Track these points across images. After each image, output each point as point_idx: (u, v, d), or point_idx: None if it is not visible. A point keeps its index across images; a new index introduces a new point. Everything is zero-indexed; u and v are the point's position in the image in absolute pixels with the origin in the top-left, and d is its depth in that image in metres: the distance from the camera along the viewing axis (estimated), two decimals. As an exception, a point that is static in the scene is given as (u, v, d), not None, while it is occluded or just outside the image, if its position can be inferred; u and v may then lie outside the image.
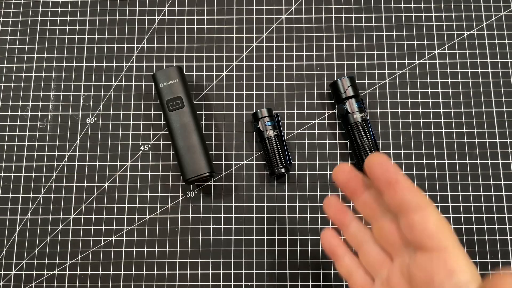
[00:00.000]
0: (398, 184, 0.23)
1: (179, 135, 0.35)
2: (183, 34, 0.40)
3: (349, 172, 0.26)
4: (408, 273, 0.24)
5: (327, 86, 0.39)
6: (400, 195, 0.22)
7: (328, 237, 0.29)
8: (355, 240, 0.27)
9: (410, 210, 0.22)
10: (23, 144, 0.38)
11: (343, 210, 0.28)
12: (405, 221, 0.23)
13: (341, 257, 0.28)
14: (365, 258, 0.27)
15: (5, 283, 0.36)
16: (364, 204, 0.26)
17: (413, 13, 0.40)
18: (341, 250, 0.28)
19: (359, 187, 0.26)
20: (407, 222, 0.23)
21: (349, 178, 0.26)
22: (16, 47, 0.41)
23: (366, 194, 0.26)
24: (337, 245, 0.28)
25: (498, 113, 0.38)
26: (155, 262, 0.36)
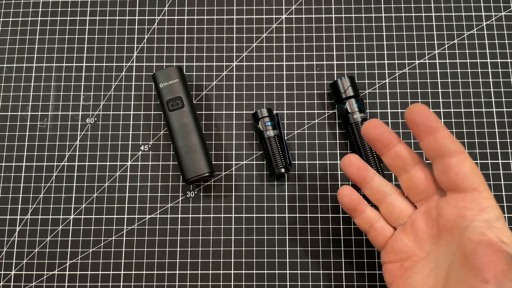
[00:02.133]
0: (438, 132, 0.25)
1: (179, 135, 0.35)
2: (183, 34, 0.40)
3: (382, 126, 0.27)
4: (436, 213, 0.25)
5: (327, 86, 0.39)
6: (440, 141, 0.25)
7: (348, 193, 0.30)
8: (377, 194, 0.29)
9: (448, 154, 0.24)
10: (23, 144, 0.38)
11: (364, 166, 0.29)
12: (443, 164, 0.25)
13: (362, 211, 0.29)
14: (388, 209, 0.28)
15: (5, 283, 0.36)
16: (396, 156, 0.27)
17: (413, 13, 0.40)
18: (362, 205, 0.29)
19: (392, 141, 0.27)
20: (444, 165, 0.25)
21: (383, 131, 0.27)
22: (16, 47, 0.41)
23: (398, 147, 0.27)
24: (358, 200, 0.29)
25: (498, 113, 0.38)
26: (155, 262, 0.36)
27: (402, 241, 0.27)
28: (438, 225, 0.25)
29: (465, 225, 0.23)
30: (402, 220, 0.28)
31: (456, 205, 0.24)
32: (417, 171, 0.27)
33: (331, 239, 0.36)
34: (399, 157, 0.27)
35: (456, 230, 0.24)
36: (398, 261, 0.27)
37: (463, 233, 0.23)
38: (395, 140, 0.27)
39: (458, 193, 0.24)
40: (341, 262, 0.35)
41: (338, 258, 0.35)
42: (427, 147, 0.25)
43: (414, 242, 0.26)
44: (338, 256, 0.35)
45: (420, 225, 0.26)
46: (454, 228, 0.24)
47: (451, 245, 0.24)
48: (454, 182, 0.24)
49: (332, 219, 0.36)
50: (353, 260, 0.35)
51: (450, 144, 0.24)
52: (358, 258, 0.35)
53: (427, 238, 0.26)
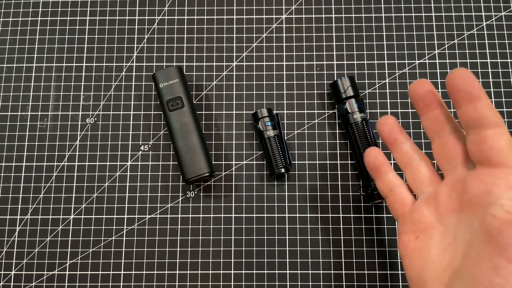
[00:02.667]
0: (479, 101, 0.23)
1: (179, 135, 0.35)
2: (183, 34, 0.40)
3: (428, 85, 0.27)
4: (461, 186, 0.24)
5: (327, 86, 0.39)
6: (479, 111, 0.23)
7: (375, 153, 0.29)
8: (405, 158, 0.28)
9: (486, 126, 0.23)
10: (23, 144, 0.38)
11: (399, 128, 0.29)
12: (477, 136, 0.24)
13: (385, 174, 0.29)
14: (413, 175, 0.28)
15: (5, 283, 0.36)
16: (434, 119, 0.27)
17: (413, 13, 0.40)
18: (386, 167, 0.29)
19: (434, 102, 0.26)
20: (479, 136, 0.23)
21: (427, 90, 0.26)
22: (16, 47, 0.41)
23: (439, 110, 0.26)
24: (383, 162, 0.29)
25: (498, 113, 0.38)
26: (155, 262, 0.36)
27: (421, 211, 0.26)
28: (462, 199, 0.24)
29: (491, 202, 0.22)
30: (425, 188, 0.27)
31: (484, 180, 0.23)
32: (451, 138, 0.26)
33: (331, 239, 0.36)
34: (437, 120, 0.26)
35: (480, 206, 0.23)
36: (415, 232, 0.26)
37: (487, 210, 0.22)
38: (437, 102, 0.26)
39: (488, 168, 0.23)
40: (341, 262, 0.35)
41: (338, 258, 0.35)
42: (464, 115, 0.24)
43: (434, 213, 0.26)
44: (338, 256, 0.35)
45: (443, 196, 0.25)
46: (478, 203, 0.23)
47: (472, 221, 0.23)
48: (487, 155, 0.23)
49: (332, 219, 0.36)
50: (353, 260, 0.35)
51: (489, 115, 0.23)
52: (358, 258, 0.35)
53: (448, 211, 0.25)
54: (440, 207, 0.25)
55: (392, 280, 0.35)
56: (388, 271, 0.35)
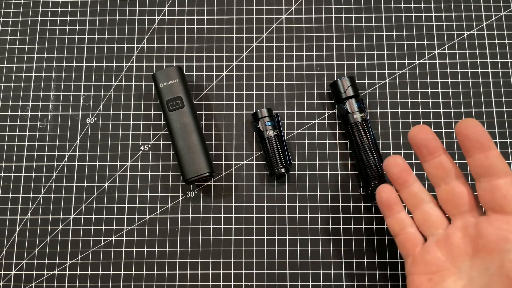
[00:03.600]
0: (490, 150, 0.24)
1: (179, 135, 0.35)
2: (183, 34, 0.40)
3: (430, 133, 0.27)
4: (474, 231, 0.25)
5: (327, 86, 0.39)
6: (490, 160, 0.24)
7: (388, 191, 0.29)
8: (414, 199, 0.28)
9: (497, 175, 0.24)
10: (23, 144, 0.38)
11: (408, 169, 0.29)
12: (489, 184, 0.25)
13: (397, 212, 0.29)
14: (423, 217, 0.28)
15: (5, 283, 0.36)
16: (439, 165, 0.27)
17: (413, 13, 0.40)
18: (398, 205, 0.29)
19: (438, 149, 0.27)
20: (491, 185, 0.25)
21: (430, 139, 0.27)
22: (16, 47, 0.41)
23: (442, 157, 0.27)
24: (396, 200, 0.29)
25: (498, 113, 0.38)
26: (155, 262, 0.36)
27: (434, 252, 0.26)
28: (477, 244, 0.25)
29: (508, 248, 0.23)
30: (435, 230, 0.27)
31: (500, 227, 0.24)
32: (458, 184, 0.27)
33: (331, 239, 0.36)
34: (442, 167, 0.27)
35: (496, 252, 0.24)
36: (427, 274, 0.26)
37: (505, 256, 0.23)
38: (441, 149, 0.27)
39: (501, 215, 0.24)
40: (341, 262, 0.35)
41: (338, 258, 0.35)
42: (475, 163, 0.25)
43: (447, 256, 0.26)
44: (338, 256, 0.35)
45: (456, 240, 0.26)
46: (494, 249, 0.24)
47: (489, 266, 0.24)
48: (500, 203, 0.24)
49: (332, 219, 0.36)
50: (353, 260, 0.35)
51: (499, 164, 0.24)
52: (358, 258, 0.35)
53: (461, 254, 0.25)
54: (453, 250, 0.26)
55: (392, 280, 0.35)
56: (388, 271, 0.35)
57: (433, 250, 0.26)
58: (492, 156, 0.24)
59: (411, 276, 0.27)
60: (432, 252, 0.26)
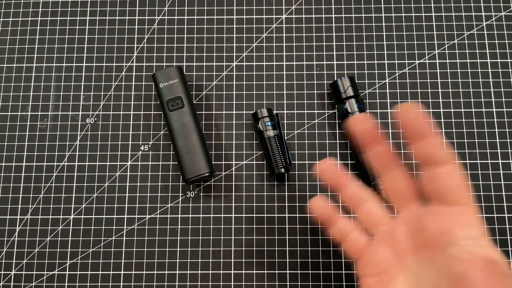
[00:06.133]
0: (430, 138, 0.23)
1: (179, 135, 0.35)
2: (183, 34, 0.40)
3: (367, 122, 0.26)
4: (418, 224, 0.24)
5: (327, 86, 0.39)
6: (430, 148, 0.23)
7: (319, 204, 0.28)
8: (354, 200, 0.28)
9: (438, 163, 0.23)
10: (23, 144, 0.38)
11: (340, 172, 0.28)
12: (430, 173, 0.24)
13: (335, 221, 0.28)
14: (365, 216, 0.27)
15: (5, 283, 0.36)
16: (380, 155, 0.26)
17: (413, 13, 0.40)
18: (335, 216, 0.28)
19: (376, 138, 0.26)
20: (432, 174, 0.23)
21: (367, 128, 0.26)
22: (16, 47, 0.41)
23: (383, 146, 0.26)
24: (332, 209, 0.28)
25: (498, 113, 0.38)
26: (155, 262, 0.36)
27: (380, 252, 0.25)
28: (420, 238, 0.24)
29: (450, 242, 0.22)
30: (380, 227, 0.26)
31: (440, 219, 0.23)
32: (399, 174, 0.26)
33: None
34: (381, 156, 0.26)
35: (439, 246, 0.23)
36: (376, 274, 0.25)
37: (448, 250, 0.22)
38: (379, 139, 0.26)
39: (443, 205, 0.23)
40: (341, 262, 0.35)
41: (338, 258, 0.35)
42: (417, 151, 0.24)
43: (393, 253, 0.25)
44: (338, 256, 0.35)
45: (400, 235, 0.25)
46: (437, 243, 0.23)
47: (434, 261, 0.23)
48: (442, 193, 0.23)
49: (332, 219, 0.36)
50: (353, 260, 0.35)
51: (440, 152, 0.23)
52: (358, 258, 0.35)
53: (407, 250, 0.24)
54: (398, 246, 0.25)
55: (392, 280, 0.35)
56: (388, 271, 0.35)
57: (378, 249, 0.26)
58: (433, 144, 0.23)
59: (362, 279, 0.26)
60: (378, 252, 0.25)
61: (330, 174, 0.28)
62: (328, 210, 0.28)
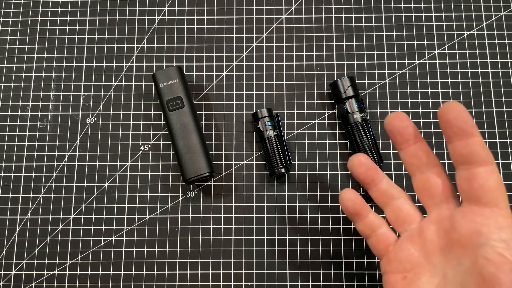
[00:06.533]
0: (472, 137, 0.23)
1: (179, 135, 0.35)
2: (183, 34, 0.40)
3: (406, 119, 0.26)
4: (449, 224, 0.24)
5: (327, 86, 0.39)
6: (471, 147, 0.23)
7: (352, 197, 0.28)
8: (384, 196, 0.27)
9: (477, 163, 0.23)
10: (23, 144, 0.38)
11: (374, 167, 0.28)
12: (468, 172, 0.23)
13: (365, 216, 0.28)
14: (394, 213, 0.27)
15: (5, 283, 0.36)
16: (414, 154, 0.26)
17: (413, 13, 0.40)
18: (365, 209, 0.28)
19: (413, 137, 0.26)
20: (469, 173, 0.23)
21: (405, 125, 0.26)
22: (16, 47, 0.41)
23: (418, 145, 0.26)
24: (362, 205, 0.28)
25: (498, 113, 0.38)
26: (155, 262, 0.36)
27: (407, 249, 0.25)
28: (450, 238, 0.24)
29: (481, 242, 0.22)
30: (408, 225, 0.26)
31: (473, 219, 0.23)
32: (433, 174, 0.25)
33: (331, 239, 0.36)
34: (417, 155, 0.26)
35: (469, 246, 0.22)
36: (401, 272, 0.25)
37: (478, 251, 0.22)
38: (417, 136, 0.26)
39: (477, 206, 0.23)
40: (341, 262, 0.35)
41: (338, 258, 0.35)
42: (455, 150, 0.24)
43: (420, 252, 0.25)
44: (338, 256, 0.35)
45: (429, 234, 0.25)
46: (468, 243, 0.23)
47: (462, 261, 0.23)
48: (477, 193, 0.23)
49: (332, 219, 0.36)
50: (353, 260, 0.35)
51: (481, 152, 0.23)
52: (358, 258, 0.35)
53: (435, 249, 0.24)
54: (427, 245, 0.25)
55: (392, 280, 0.35)
56: (388, 271, 0.35)
57: (406, 247, 0.25)
58: (474, 143, 0.23)
59: (386, 275, 0.26)
60: (405, 249, 0.25)
61: (364, 168, 0.27)
62: (359, 202, 0.28)
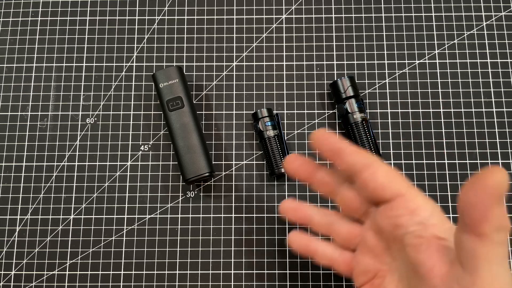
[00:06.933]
0: (342, 151, 0.25)
1: (179, 135, 0.35)
2: (183, 34, 0.40)
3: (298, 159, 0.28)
4: (377, 227, 0.25)
5: (327, 86, 0.39)
6: (346, 160, 0.25)
7: (297, 237, 0.29)
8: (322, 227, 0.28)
9: (359, 170, 0.24)
10: (23, 144, 0.38)
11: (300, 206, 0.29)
12: (359, 181, 0.25)
13: (318, 250, 0.28)
14: (338, 237, 0.28)
15: (5, 283, 0.36)
16: (321, 183, 0.28)
17: (413, 13, 0.40)
18: (312, 244, 0.29)
19: (311, 170, 0.28)
20: (360, 182, 0.25)
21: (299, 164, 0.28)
22: (16, 47, 0.41)
23: (319, 174, 0.28)
24: (307, 241, 0.29)
25: (498, 113, 0.38)
26: (155, 262, 0.36)
27: (363, 261, 0.26)
28: (384, 237, 0.25)
29: (402, 233, 0.23)
30: (354, 241, 0.27)
31: (388, 215, 0.24)
32: (345, 192, 0.27)
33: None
34: (323, 183, 0.27)
35: (398, 240, 0.23)
36: (368, 281, 0.26)
37: (404, 242, 0.23)
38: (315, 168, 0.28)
39: (386, 203, 0.24)
40: (341, 262, 0.35)
41: (338, 258, 0.35)
42: (340, 169, 0.25)
43: (374, 258, 0.26)
44: (338, 256, 0.35)
45: (371, 241, 0.26)
46: (395, 238, 0.24)
47: (400, 255, 0.24)
48: (376, 195, 0.24)
49: (332, 219, 0.36)
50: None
51: (356, 159, 0.24)
52: (358, 258, 0.35)
53: (382, 251, 0.25)
54: (374, 250, 0.26)
55: (392, 280, 0.35)
56: (388, 271, 0.35)
57: (361, 259, 0.26)
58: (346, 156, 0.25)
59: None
60: (361, 261, 0.26)
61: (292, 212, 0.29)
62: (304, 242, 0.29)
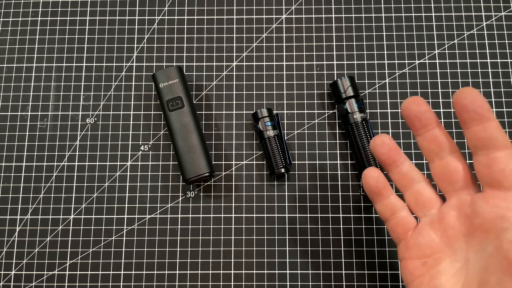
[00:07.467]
0: (489, 121, 0.23)
1: (179, 135, 0.35)
2: (183, 34, 0.40)
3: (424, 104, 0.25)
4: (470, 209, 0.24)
5: (327, 86, 0.39)
6: (489, 132, 0.23)
7: (376, 174, 0.27)
8: (405, 179, 0.27)
9: (495, 147, 0.23)
10: (23, 144, 0.38)
11: (397, 148, 0.27)
12: (487, 157, 0.23)
13: (387, 197, 0.27)
14: (414, 197, 0.26)
15: (5, 283, 0.36)
16: (432, 139, 0.25)
17: (413, 13, 0.40)
18: (388, 189, 0.27)
19: (431, 122, 0.25)
20: (489, 158, 0.23)
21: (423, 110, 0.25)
22: (16, 47, 0.41)
23: (436, 130, 0.25)
24: (384, 184, 0.27)
25: (498, 113, 0.38)
26: (155, 262, 0.36)
27: (428, 235, 0.25)
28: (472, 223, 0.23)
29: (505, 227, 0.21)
30: (428, 210, 0.26)
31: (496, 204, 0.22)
32: (452, 160, 0.25)
33: (331, 239, 0.36)
34: (436, 141, 0.25)
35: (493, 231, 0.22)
36: (421, 258, 0.25)
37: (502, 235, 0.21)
38: (435, 122, 0.25)
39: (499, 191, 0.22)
40: (341, 262, 0.35)
41: (338, 258, 0.35)
42: (473, 135, 0.23)
43: (441, 237, 0.24)
44: (338, 256, 0.35)
45: (450, 220, 0.24)
46: (491, 228, 0.22)
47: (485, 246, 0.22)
48: (498, 178, 0.22)
49: (332, 219, 0.36)
50: (353, 260, 0.35)
51: (499, 136, 0.22)
52: (358, 258, 0.35)
53: (457, 235, 0.24)
54: (448, 230, 0.24)
55: (392, 280, 0.35)
56: (388, 271, 0.35)
57: (426, 232, 0.25)
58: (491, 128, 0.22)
59: (404, 261, 0.26)
60: (426, 235, 0.25)
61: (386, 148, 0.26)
62: (382, 181, 0.27)
